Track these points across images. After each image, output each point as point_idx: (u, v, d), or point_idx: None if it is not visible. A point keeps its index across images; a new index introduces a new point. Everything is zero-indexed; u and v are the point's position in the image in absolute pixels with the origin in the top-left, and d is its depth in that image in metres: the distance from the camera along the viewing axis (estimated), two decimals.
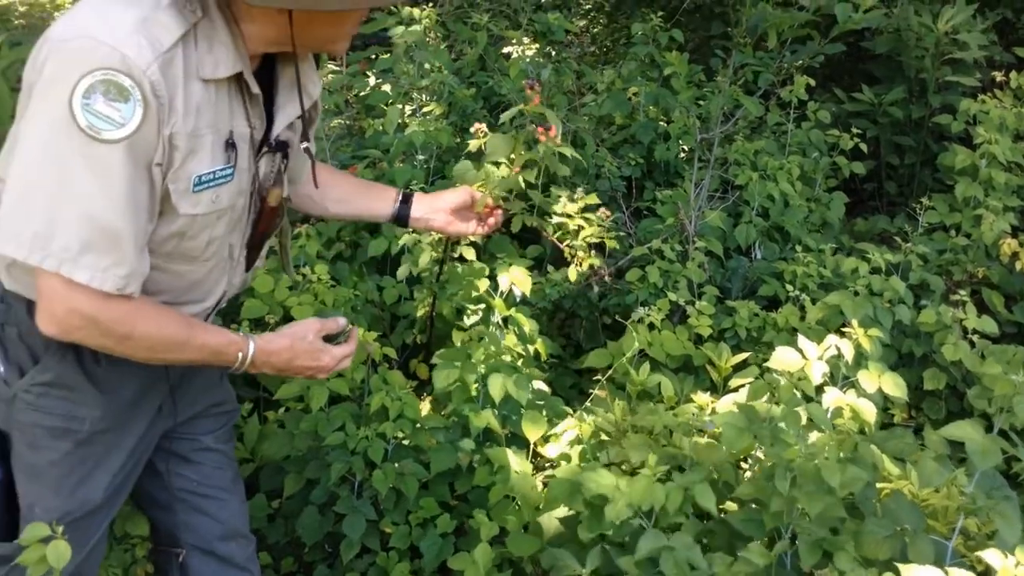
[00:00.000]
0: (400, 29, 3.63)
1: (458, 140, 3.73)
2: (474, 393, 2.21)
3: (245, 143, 1.39)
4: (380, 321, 2.90)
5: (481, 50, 3.94)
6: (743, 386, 2.20)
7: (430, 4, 3.83)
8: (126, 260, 1.25)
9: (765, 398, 1.98)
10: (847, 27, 3.53)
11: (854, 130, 3.72)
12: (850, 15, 3.42)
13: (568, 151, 3.49)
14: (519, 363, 2.37)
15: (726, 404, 2.14)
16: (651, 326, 2.63)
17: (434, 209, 1.87)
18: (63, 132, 1.18)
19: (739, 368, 2.52)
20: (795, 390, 1.91)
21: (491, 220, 1.92)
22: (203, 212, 1.34)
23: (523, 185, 2.05)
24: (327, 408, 2.19)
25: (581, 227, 2.63)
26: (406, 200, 1.86)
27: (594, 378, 2.61)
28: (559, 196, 2.64)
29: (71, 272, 1.22)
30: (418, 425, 2.15)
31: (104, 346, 1.33)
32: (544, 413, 2.19)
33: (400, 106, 3.22)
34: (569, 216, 2.63)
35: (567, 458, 2.08)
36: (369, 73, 4.19)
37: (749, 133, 3.91)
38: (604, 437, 2.18)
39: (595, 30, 7.04)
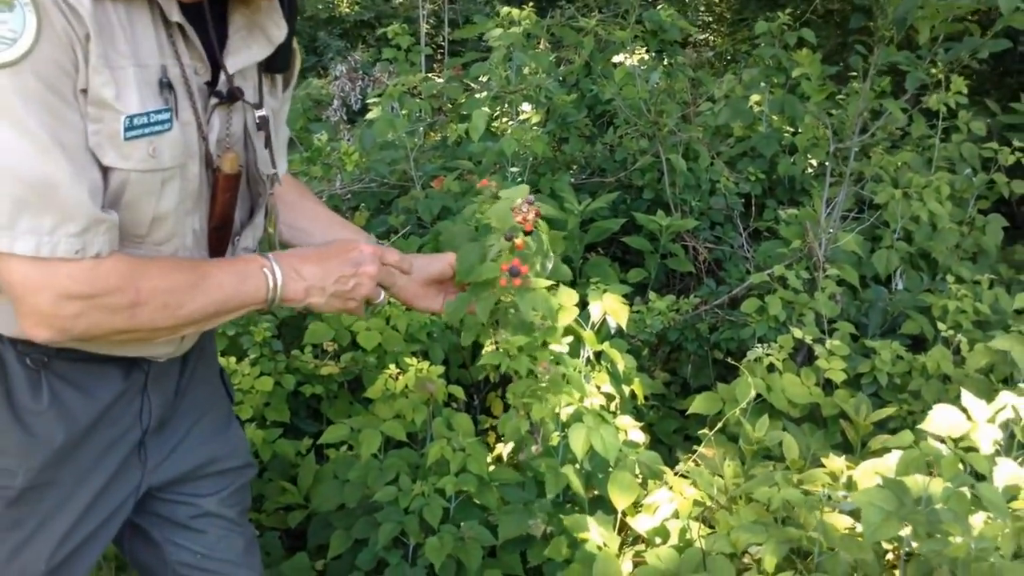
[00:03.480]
0: (498, 32, 3.33)
1: (556, 151, 3.40)
2: (554, 443, 1.86)
3: (181, 87, 1.09)
4: (459, 351, 2.59)
5: (588, 55, 3.60)
6: (887, 450, 1.78)
7: (530, 5, 3.50)
8: (75, 213, 0.98)
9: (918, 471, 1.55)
10: (1012, 22, 3.03)
11: (1015, 143, 3.21)
12: (1018, 6, 2.92)
13: (680, 164, 3.17)
14: (611, 406, 2.02)
15: (866, 472, 1.71)
16: (771, 367, 2.25)
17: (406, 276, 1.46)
18: None
19: (881, 425, 2.08)
20: (961, 463, 1.48)
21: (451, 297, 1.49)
22: (138, 168, 1.04)
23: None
24: (381, 454, 1.88)
25: None
26: None
27: (702, 427, 2.22)
28: None
29: (11, 244, 0.95)
30: (487, 480, 1.81)
31: (118, 327, 1.05)
32: (638, 473, 1.81)
33: (488, 110, 2.90)
34: None
35: (662, 535, 1.70)
36: (467, 82, 3.91)
37: (889, 146, 3.45)
38: (709, 503, 1.79)
39: (714, 39, 6.62)
